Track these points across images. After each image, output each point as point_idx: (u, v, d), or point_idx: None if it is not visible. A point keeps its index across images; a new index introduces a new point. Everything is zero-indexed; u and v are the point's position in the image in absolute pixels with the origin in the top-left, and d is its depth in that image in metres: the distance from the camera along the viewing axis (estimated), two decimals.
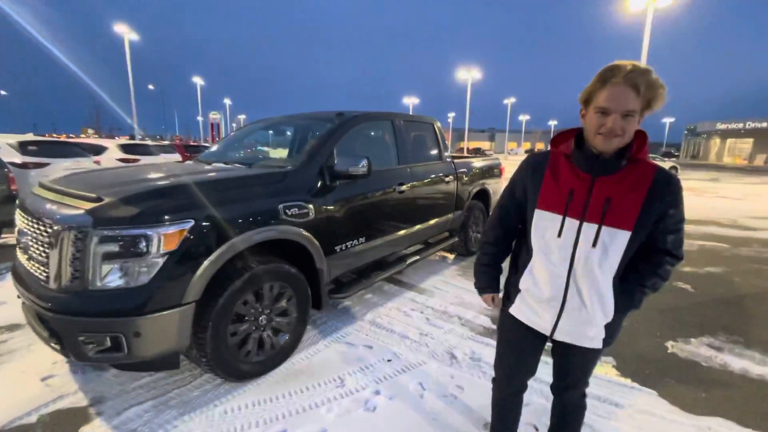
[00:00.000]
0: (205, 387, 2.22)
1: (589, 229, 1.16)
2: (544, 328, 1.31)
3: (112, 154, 9.26)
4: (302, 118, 3.61)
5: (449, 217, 4.29)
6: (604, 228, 1.14)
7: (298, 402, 2.10)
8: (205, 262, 1.93)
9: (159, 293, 1.81)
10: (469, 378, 2.34)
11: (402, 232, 3.48)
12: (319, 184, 2.61)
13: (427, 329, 2.96)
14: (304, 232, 2.45)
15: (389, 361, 2.52)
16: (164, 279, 1.82)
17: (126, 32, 20.02)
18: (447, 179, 4.14)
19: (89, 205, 1.85)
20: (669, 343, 2.82)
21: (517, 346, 1.45)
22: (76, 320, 1.77)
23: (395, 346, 2.70)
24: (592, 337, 1.25)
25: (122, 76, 21.07)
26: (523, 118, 67.24)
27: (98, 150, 9.10)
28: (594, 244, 1.15)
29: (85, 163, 7.06)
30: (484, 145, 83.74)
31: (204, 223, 1.95)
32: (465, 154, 9.70)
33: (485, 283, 1.50)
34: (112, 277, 1.78)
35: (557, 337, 1.29)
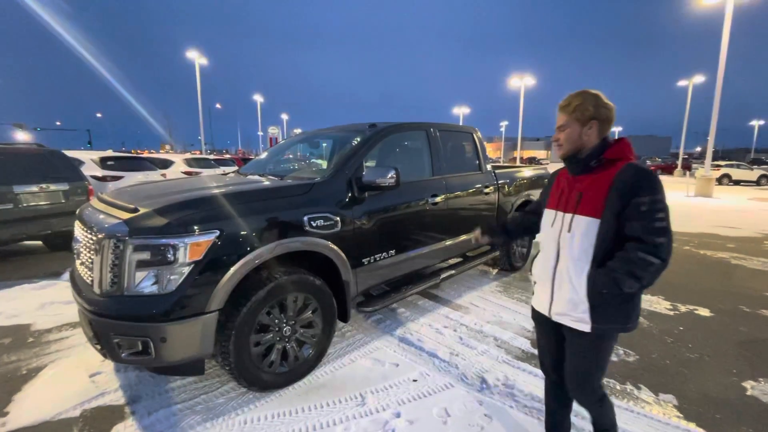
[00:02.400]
0: (230, 394, 2.26)
1: (566, 217, 1.42)
2: (545, 308, 1.52)
3: (178, 168, 10.13)
4: (338, 130, 3.66)
5: None
6: (576, 216, 1.39)
7: (316, 417, 2.06)
8: (229, 272, 1.98)
9: (184, 301, 1.88)
10: (499, 407, 2.15)
11: (436, 245, 3.36)
12: (347, 196, 2.60)
13: (459, 349, 2.80)
14: (330, 244, 2.43)
15: (415, 381, 2.40)
16: (190, 287, 1.89)
17: (197, 57, 22.03)
18: (487, 190, 3.95)
19: (127, 216, 1.99)
20: (748, 384, 2.39)
21: (540, 332, 1.67)
22: (112, 323, 1.89)
23: (423, 366, 2.57)
24: (578, 319, 1.39)
25: (194, 97, 23.17)
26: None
27: (166, 164, 10.01)
28: (569, 230, 1.40)
29: (154, 176, 7.78)
30: (540, 154, 79.99)
31: (229, 234, 2.00)
32: (516, 163, 9.27)
33: (488, 230, 1.95)
34: (144, 284, 1.88)
35: (552, 316, 1.48)
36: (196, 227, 1.92)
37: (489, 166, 4.16)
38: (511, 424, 2.01)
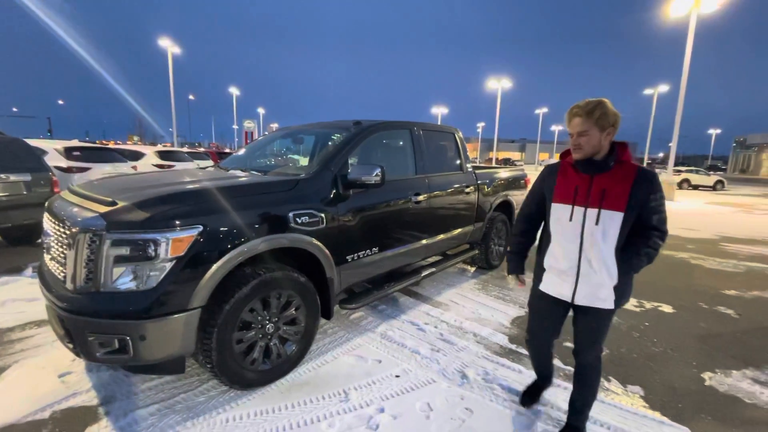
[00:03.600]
0: (210, 393, 2.22)
1: (592, 212, 1.61)
2: (566, 296, 1.73)
3: (149, 160, 9.74)
4: (321, 126, 3.63)
5: (469, 229, 4.17)
6: (603, 210, 1.58)
7: (300, 415, 2.05)
8: (212, 269, 1.94)
9: (165, 298, 1.83)
10: (479, 400, 2.22)
11: (418, 243, 3.40)
12: (332, 193, 2.59)
13: (440, 345, 2.85)
14: (315, 241, 2.42)
15: (397, 377, 2.44)
16: (171, 284, 1.84)
17: (169, 46, 21.21)
18: (467, 190, 4.03)
19: (104, 209, 1.91)
20: (706, 375, 2.57)
21: (543, 315, 1.91)
22: (87, 320, 1.81)
23: (405, 362, 2.61)
24: (604, 299, 1.65)
25: (165, 87, 22.30)
26: (556, 128, 65.44)
27: (137, 156, 9.61)
28: (597, 223, 1.59)
29: (123, 168, 7.45)
30: (515, 155, 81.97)
31: (212, 230, 1.96)
32: (492, 164, 9.47)
33: (514, 267, 2.00)
34: (122, 280, 1.82)
35: (577, 301, 1.70)
36: (178, 222, 1.87)
37: (470, 167, 4.25)
38: (490, 416, 2.08)
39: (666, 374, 2.55)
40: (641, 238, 1.59)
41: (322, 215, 2.48)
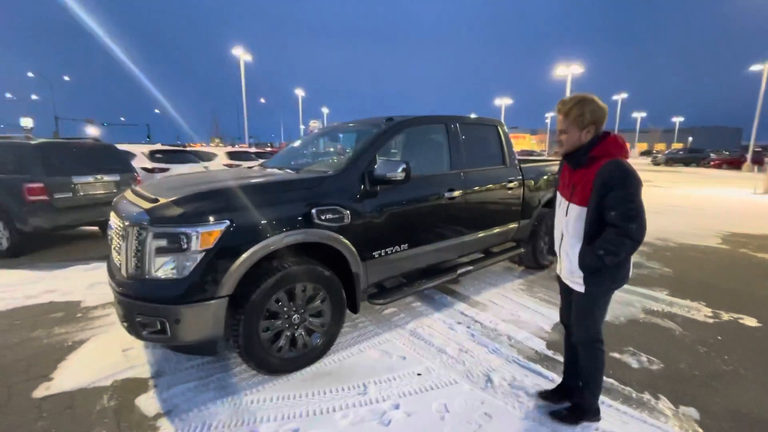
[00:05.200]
0: (242, 375, 2.40)
1: (564, 204, 1.78)
2: (560, 272, 1.91)
3: (221, 161, 10.68)
4: (357, 124, 3.69)
5: (513, 226, 3.96)
6: (570, 204, 1.73)
7: (318, 403, 2.14)
8: (238, 261, 2.10)
9: (196, 286, 2.02)
10: (501, 407, 2.11)
11: (453, 240, 3.31)
12: (358, 190, 2.63)
13: (469, 346, 2.76)
14: (339, 237, 2.49)
15: (419, 374, 2.42)
16: (201, 274, 2.02)
17: (242, 54, 22.96)
18: (511, 185, 3.83)
19: (148, 206, 2.15)
20: None
21: (560, 292, 2.05)
22: (135, 303, 2.07)
23: (429, 360, 2.57)
24: (576, 282, 1.79)
25: (238, 91, 24.23)
26: (639, 115, 58.79)
27: (210, 157, 10.59)
28: (566, 215, 1.77)
29: (196, 168, 8.27)
30: None
31: (238, 225, 2.11)
32: (552, 157, 8.84)
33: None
34: (161, 269, 2.04)
35: (563, 278, 1.90)
36: (207, 217, 2.05)
37: (515, 160, 4.02)
38: (509, 424, 1.98)
39: (731, 397, 2.20)
40: (603, 233, 1.61)
41: (347, 212, 2.53)
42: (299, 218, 2.33)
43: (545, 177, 4.27)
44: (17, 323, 3.10)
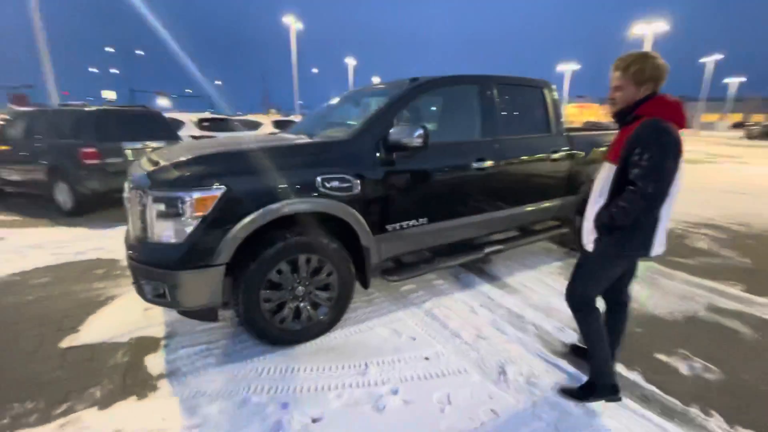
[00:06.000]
0: (246, 343, 2.38)
1: (605, 165, 1.68)
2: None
3: (266, 129, 10.87)
4: (383, 86, 3.41)
5: (556, 203, 3.53)
6: (605, 162, 1.67)
7: (314, 379, 2.05)
8: (235, 228, 2.01)
9: (193, 252, 1.97)
10: (511, 403, 1.88)
11: (480, 216, 3.01)
12: (372, 157, 2.41)
13: (488, 332, 2.52)
14: (347, 207, 2.31)
15: (427, 359, 2.24)
16: (197, 240, 1.96)
17: (293, 22, 22.91)
18: (555, 156, 3.37)
19: (150, 169, 2.11)
20: None
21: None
22: (140, 267, 2.08)
23: (441, 344, 2.38)
24: (587, 241, 1.75)
25: (289, 60, 24.40)
26: (735, 81, 50.69)
27: (256, 126, 10.82)
28: (601, 173, 1.69)
29: (240, 136, 8.48)
30: None
31: (235, 191, 2.01)
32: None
33: None
34: (160, 234, 2.01)
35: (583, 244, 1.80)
36: (203, 182, 1.96)
37: (562, 129, 3.53)
38: (517, 424, 1.75)
39: None
40: (622, 192, 1.56)
41: (357, 181, 2.33)
42: (302, 186, 2.18)
43: (600, 149, 3.72)
44: (63, 276, 3.37)
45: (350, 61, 37.87)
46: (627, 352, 2.15)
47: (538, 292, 3.12)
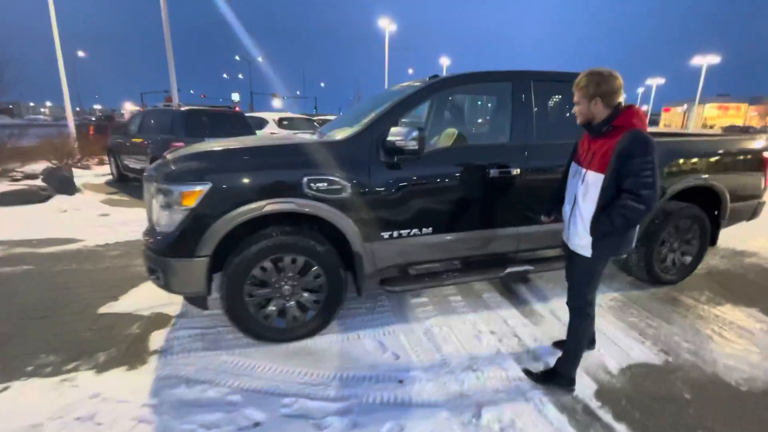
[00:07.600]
0: (237, 334, 2.44)
1: (582, 171, 1.81)
2: (565, 237, 1.96)
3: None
4: (406, 86, 3.22)
5: None
6: (587, 171, 1.77)
7: (277, 382, 2.03)
8: (217, 223, 2.09)
9: (180, 243, 2.11)
10: None
11: (502, 230, 2.66)
12: (368, 159, 2.30)
13: (483, 365, 2.20)
14: (335, 210, 2.24)
15: (400, 382, 2.05)
16: (183, 231, 2.09)
17: (387, 25, 23.48)
18: None
19: (158, 163, 2.32)
20: None
21: (566, 258, 2.03)
22: (145, 251, 2.31)
23: (422, 369, 2.16)
24: (583, 246, 1.81)
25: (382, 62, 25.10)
26: None
27: None
28: (582, 182, 1.79)
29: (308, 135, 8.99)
30: None
31: (220, 188, 2.08)
32: (706, 131, 6.36)
33: (547, 207, 2.18)
34: (160, 222, 2.20)
35: (567, 243, 1.93)
36: (190, 177, 2.08)
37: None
38: None
39: None
40: (618, 200, 1.65)
41: (346, 183, 2.24)
42: (287, 186, 2.17)
43: (679, 160, 3.00)
44: (132, 251, 3.93)
45: (444, 61, 37.37)
46: None
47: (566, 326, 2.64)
